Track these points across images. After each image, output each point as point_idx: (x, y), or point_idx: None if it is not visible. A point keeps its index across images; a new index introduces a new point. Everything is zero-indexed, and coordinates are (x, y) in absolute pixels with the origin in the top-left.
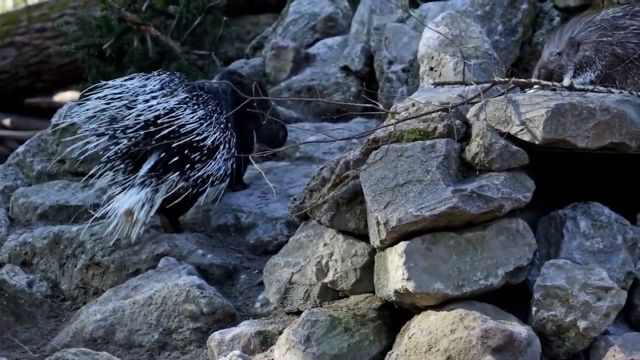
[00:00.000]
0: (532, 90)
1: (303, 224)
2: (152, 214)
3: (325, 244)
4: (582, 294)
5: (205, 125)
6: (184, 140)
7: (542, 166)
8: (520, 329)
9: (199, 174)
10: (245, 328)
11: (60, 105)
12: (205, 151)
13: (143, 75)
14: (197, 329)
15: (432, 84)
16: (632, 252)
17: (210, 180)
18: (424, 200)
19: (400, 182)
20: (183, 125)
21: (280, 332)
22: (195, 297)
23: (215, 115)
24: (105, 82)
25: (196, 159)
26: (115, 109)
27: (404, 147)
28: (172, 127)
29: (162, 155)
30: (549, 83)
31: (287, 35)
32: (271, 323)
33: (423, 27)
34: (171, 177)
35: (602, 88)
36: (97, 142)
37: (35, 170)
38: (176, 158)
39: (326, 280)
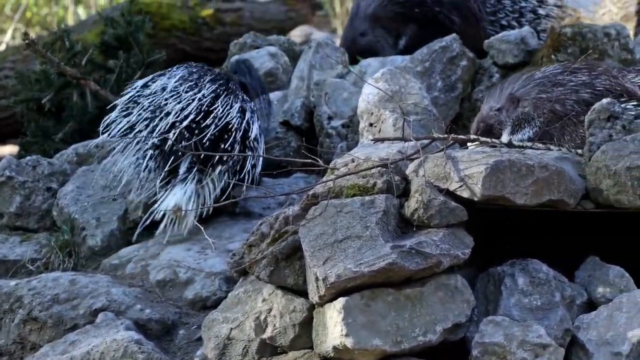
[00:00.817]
0: (471, 147)
1: (242, 279)
2: (201, 204)
3: (264, 300)
4: (520, 351)
5: (246, 118)
6: (233, 137)
7: (482, 222)
8: None
9: (247, 167)
10: None
11: None
12: (250, 144)
13: (162, 75)
14: None
15: (371, 140)
16: (570, 309)
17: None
18: (363, 256)
19: (340, 238)
20: (229, 123)
21: None
22: (134, 352)
23: (249, 105)
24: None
25: (244, 150)
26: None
27: (343, 202)
28: (219, 127)
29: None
30: (488, 140)
31: None
32: None
33: (363, 83)
34: (217, 170)
35: (541, 145)
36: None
37: None
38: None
39: (265, 336)
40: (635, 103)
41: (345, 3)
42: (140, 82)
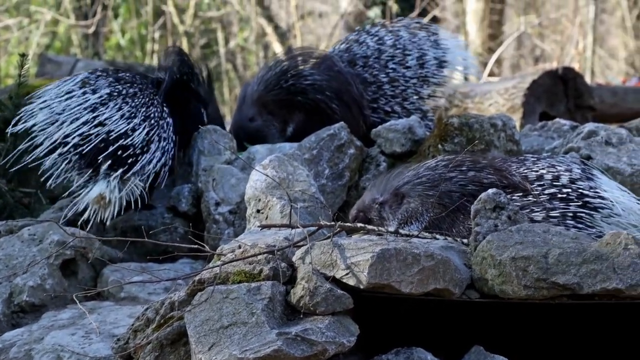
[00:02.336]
0: (357, 235)
1: None
2: (124, 197)
3: None
4: None
5: (132, 123)
6: (115, 146)
7: (368, 310)
8: None
9: (136, 169)
10: None
11: None
12: (138, 150)
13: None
14: None
15: (258, 227)
16: None
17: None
18: (249, 342)
19: (225, 324)
20: (111, 131)
21: None
22: None
23: (144, 108)
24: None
25: (130, 158)
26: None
27: (230, 289)
28: (101, 137)
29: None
30: (375, 228)
31: None
32: None
33: (251, 169)
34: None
35: (427, 234)
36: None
37: None
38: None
39: None
40: (520, 194)
41: (234, 90)
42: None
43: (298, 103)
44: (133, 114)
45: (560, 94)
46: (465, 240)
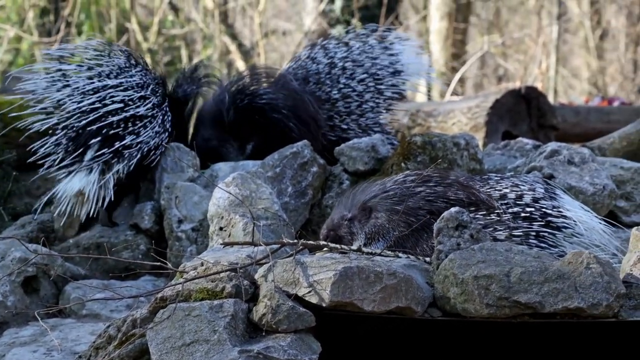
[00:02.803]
0: (321, 253)
1: None
2: (102, 195)
3: None
4: None
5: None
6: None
7: (331, 327)
8: None
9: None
10: None
11: None
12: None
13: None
14: None
15: (221, 244)
16: None
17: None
18: None
19: (187, 342)
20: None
21: None
22: None
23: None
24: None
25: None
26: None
27: (192, 306)
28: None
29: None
30: (338, 246)
31: None
32: None
33: (214, 187)
34: (115, 162)
35: (389, 252)
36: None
37: None
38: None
39: None
40: (484, 212)
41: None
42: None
43: (255, 122)
44: (137, 91)
45: (523, 113)
46: (427, 259)
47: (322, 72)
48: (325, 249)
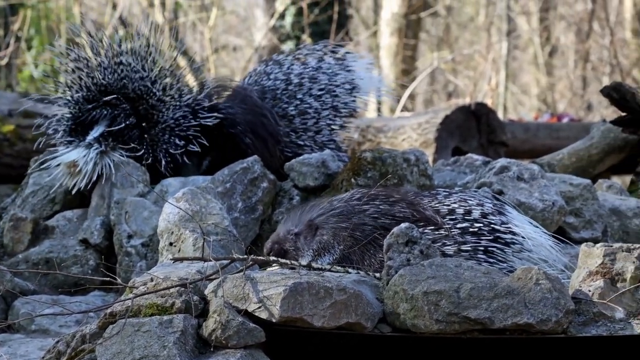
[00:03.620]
0: (271, 268)
1: None
2: (97, 172)
3: None
4: None
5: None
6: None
7: (282, 343)
8: None
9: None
10: None
11: None
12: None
13: None
14: None
15: (171, 259)
16: None
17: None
18: None
19: (137, 357)
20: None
21: None
22: None
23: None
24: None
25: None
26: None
27: (141, 322)
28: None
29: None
30: (288, 262)
31: (26, 206)
32: None
33: (164, 202)
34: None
35: (339, 268)
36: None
37: None
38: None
39: None
40: (432, 228)
41: None
42: None
43: (213, 137)
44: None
45: (473, 130)
46: (377, 274)
47: (278, 88)
48: (275, 264)
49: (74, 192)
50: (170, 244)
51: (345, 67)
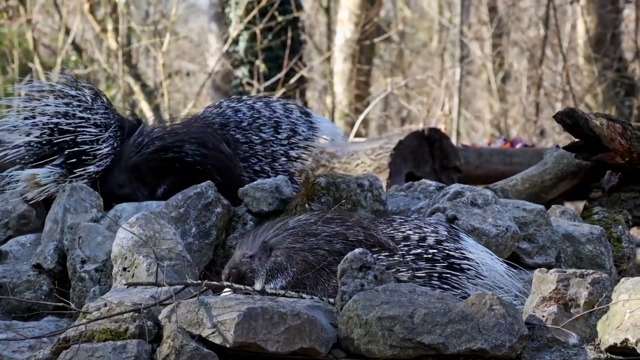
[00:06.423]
0: (225, 293)
1: None
2: (55, 189)
3: None
4: None
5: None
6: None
7: None
8: None
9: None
10: None
11: None
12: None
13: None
14: None
15: (124, 285)
16: None
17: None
18: None
19: None
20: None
21: None
22: None
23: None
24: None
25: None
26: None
27: (95, 347)
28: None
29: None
30: (242, 287)
31: None
32: None
33: (117, 227)
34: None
35: (293, 293)
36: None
37: None
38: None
39: None
40: (387, 253)
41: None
42: None
43: (170, 165)
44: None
45: (427, 155)
46: (331, 300)
47: (243, 121)
48: (228, 289)
49: (30, 200)
50: (124, 269)
51: (309, 121)
